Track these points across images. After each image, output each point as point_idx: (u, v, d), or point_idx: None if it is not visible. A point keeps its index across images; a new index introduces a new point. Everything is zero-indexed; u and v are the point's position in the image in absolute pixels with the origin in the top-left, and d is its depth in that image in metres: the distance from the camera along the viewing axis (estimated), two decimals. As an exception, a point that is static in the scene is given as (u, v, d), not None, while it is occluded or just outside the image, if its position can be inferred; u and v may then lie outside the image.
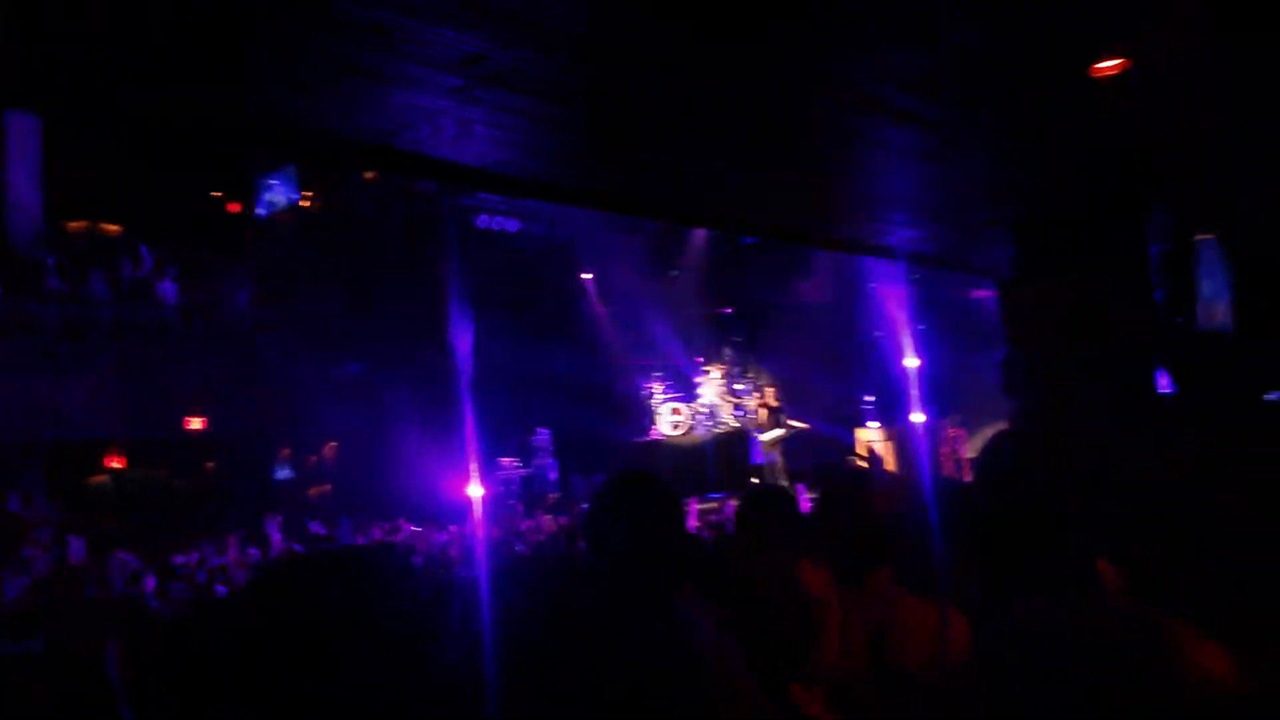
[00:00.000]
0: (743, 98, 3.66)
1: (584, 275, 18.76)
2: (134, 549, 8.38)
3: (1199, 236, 6.65)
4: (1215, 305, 6.58)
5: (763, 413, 14.96)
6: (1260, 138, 5.20)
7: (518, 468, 16.19)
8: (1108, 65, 4.15)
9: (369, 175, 15.26)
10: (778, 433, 14.67)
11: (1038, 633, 0.82)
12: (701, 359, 17.36)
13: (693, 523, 8.21)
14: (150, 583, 6.16)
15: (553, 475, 16.42)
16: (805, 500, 7.18)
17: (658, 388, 16.97)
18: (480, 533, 9.08)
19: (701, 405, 16.43)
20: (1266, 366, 6.28)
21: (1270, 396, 5.96)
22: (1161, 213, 6.47)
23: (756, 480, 13.29)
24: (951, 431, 13.01)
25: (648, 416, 17.01)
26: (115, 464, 14.51)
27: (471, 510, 10.52)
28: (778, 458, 14.65)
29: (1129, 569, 1.96)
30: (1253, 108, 4.69)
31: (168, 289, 14.56)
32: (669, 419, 16.44)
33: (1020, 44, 3.84)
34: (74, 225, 14.60)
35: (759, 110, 3.81)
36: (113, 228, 15.03)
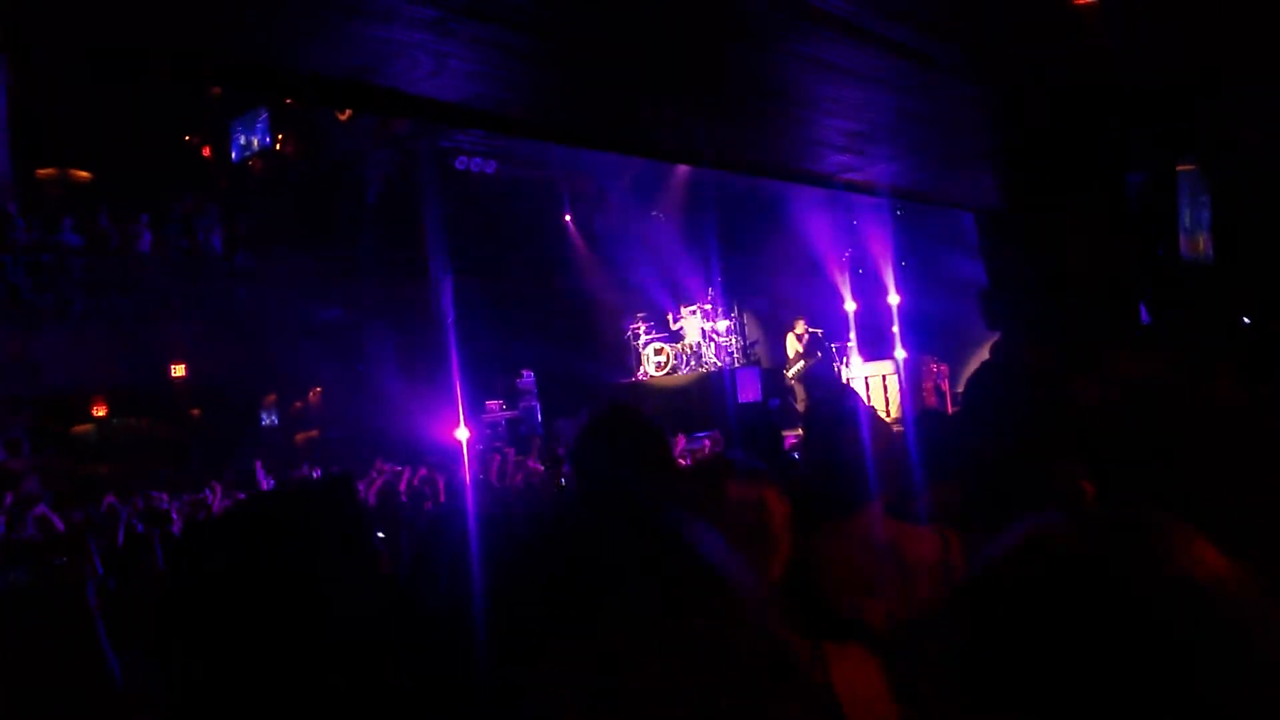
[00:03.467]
0: (718, 25, 3.60)
1: (565, 217, 18.64)
2: (119, 495, 8.39)
3: (1181, 167, 6.65)
4: (1197, 236, 6.60)
5: (792, 340, 15.01)
6: (1244, 64, 5.17)
7: (504, 410, 16.22)
8: (1090, -8, 4.10)
9: (343, 116, 15.04)
10: (799, 365, 14.75)
11: (1039, 545, 0.83)
12: (683, 299, 17.35)
13: (681, 462, 8.27)
14: (137, 526, 6.17)
15: (539, 418, 16.46)
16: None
17: (641, 328, 16.97)
18: (467, 475, 9.13)
19: (685, 345, 16.44)
20: (1244, 293, 6.33)
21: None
22: (1143, 143, 6.46)
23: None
24: (935, 366, 13.09)
25: (633, 357, 17.03)
26: (99, 412, 14.47)
27: (460, 453, 10.58)
28: (800, 390, 14.74)
29: (1107, 488, 1.99)
30: (1234, 35, 4.66)
31: (142, 236, 14.38)
32: (653, 359, 16.47)
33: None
34: (43, 172, 14.36)
35: (734, 38, 3.76)
36: (83, 174, 14.79)
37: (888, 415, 11.81)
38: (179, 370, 14.36)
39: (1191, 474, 2.03)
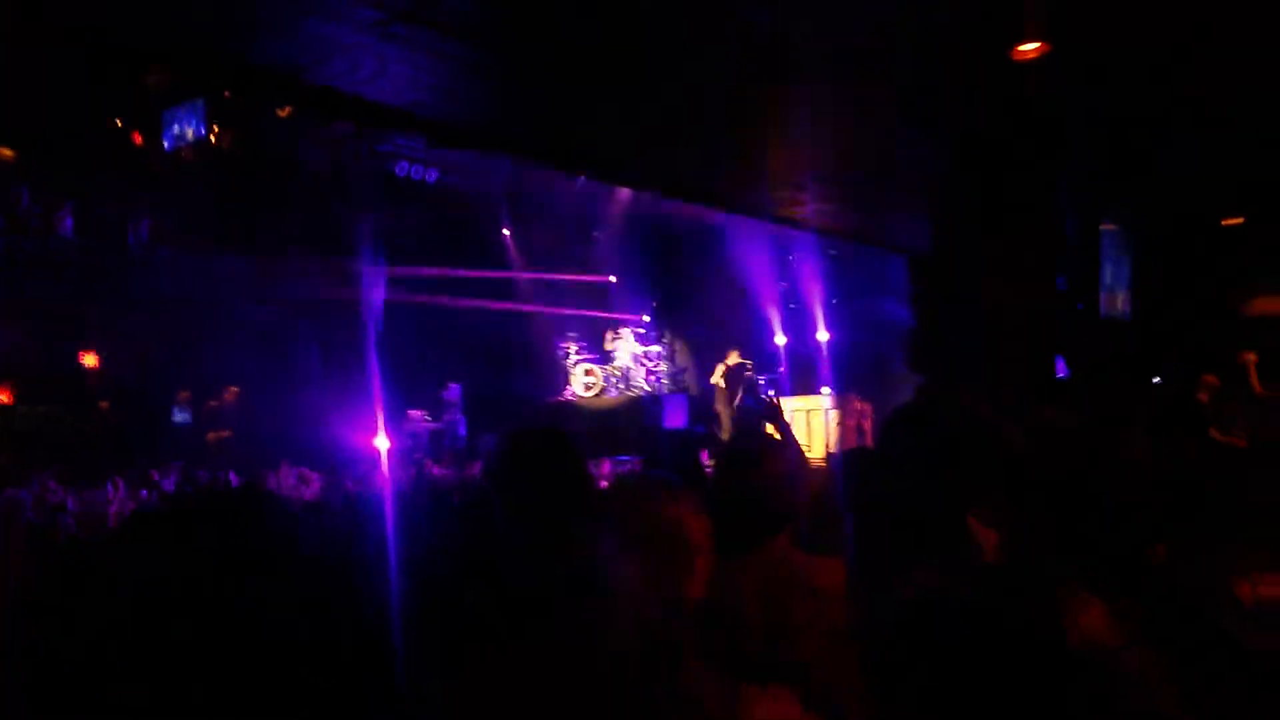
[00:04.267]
0: (657, 49, 3.62)
1: (504, 231, 18.53)
2: (18, 485, 8.06)
3: (1104, 226, 6.86)
4: (1116, 294, 6.80)
5: (720, 370, 15.10)
6: (1174, 129, 5.36)
7: (427, 421, 16.00)
8: (1029, 48, 4.22)
9: (283, 112, 14.79)
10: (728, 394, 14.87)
11: (936, 599, 0.84)
12: (617, 321, 17.37)
13: (603, 484, 8.25)
14: (26, 519, 5.94)
15: (462, 431, 16.28)
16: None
17: (572, 348, 16.92)
18: (386, 483, 8.98)
19: (615, 368, 16.44)
20: (1158, 353, 6.54)
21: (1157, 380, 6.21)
22: (1069, 200, 6.65)
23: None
24: (859, 404, 13.25)
25: (561, 376, 16.96)
26: (3, 397, 13.92)
27: (378, 461, 10.39)
28: (725, 419, 14.80)
29: (1004, 531, 2.03)
30: (1168, 96, 4.83)
31: (65, 220, 13.93)
32: (582, 380, 16.42)
33: (942, 25, 3.87)
34: (-37, 148, 13.86)
35: (673, 63, 3.79)
36: (6, 153, 14.29)
37: (808, 449, 11.93)
38: (90, 360, 13.89)
39: (1099, 522, 2.07)
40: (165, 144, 15.10)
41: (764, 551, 2.37)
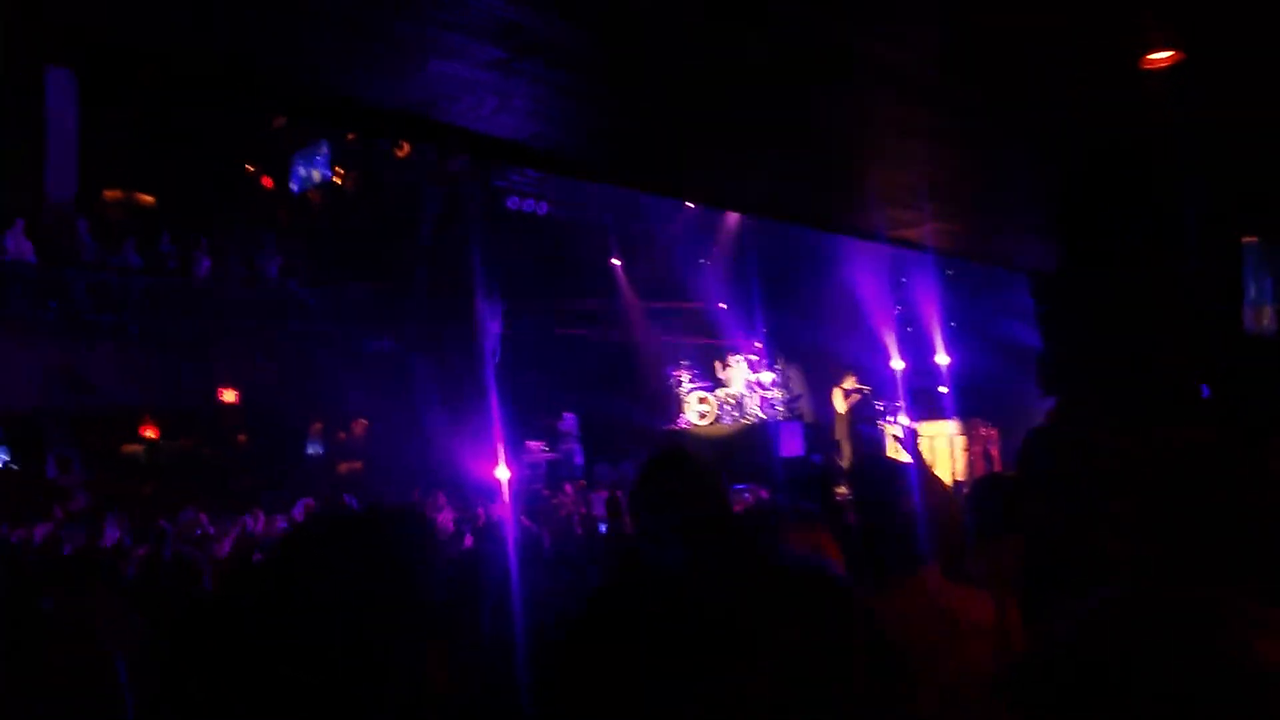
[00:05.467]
0: (776, 78, 3.61)
1: (614, 260, 18.71)
2: (164, 515, 8.45)
3: (1246, 239, 6.53)
4: (1261, 309, 6.46)
5: (839, 395, 14.86)
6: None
7: (545, 452, 16.20)
8: (1160, 57, 4.05)
9: (401, 152, 15.30)
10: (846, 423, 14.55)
11: (1122, 621, 0.79)
12: (729, 349, 17.29)
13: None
14: (181, 548, 6.21)
15: (579, 460, 16.42)
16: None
17: (685, 376, 16.90)
18: (509, 513, 9.12)
19: (729, 395, 16.34)
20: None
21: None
22: (1208, 213, 6.36)
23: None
24: (984, 430, 12.86)
25: (675, 405, 16.94)
26: (149, 433, 14.67)
27: (500, 491, 10.57)
28: (845, 447, 14.52)
29: (1146, 556, 1.93)
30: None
31: (201, 261, 14.69)
32: (696, 408, 16.36)
33: (1067, 34, 3.76)
34: (109, 193, 14.74)
35: (792, 92, 3.76)
36: (148, 198, 15.16)
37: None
38: (229, 395, 14.54)
39: (1243, 543, 1.95)
40: (293, 186, 15.82)
41: (913, 582, 2.31)
